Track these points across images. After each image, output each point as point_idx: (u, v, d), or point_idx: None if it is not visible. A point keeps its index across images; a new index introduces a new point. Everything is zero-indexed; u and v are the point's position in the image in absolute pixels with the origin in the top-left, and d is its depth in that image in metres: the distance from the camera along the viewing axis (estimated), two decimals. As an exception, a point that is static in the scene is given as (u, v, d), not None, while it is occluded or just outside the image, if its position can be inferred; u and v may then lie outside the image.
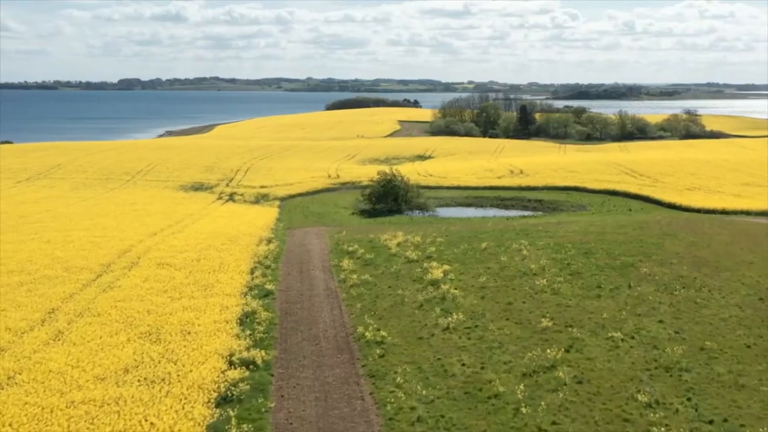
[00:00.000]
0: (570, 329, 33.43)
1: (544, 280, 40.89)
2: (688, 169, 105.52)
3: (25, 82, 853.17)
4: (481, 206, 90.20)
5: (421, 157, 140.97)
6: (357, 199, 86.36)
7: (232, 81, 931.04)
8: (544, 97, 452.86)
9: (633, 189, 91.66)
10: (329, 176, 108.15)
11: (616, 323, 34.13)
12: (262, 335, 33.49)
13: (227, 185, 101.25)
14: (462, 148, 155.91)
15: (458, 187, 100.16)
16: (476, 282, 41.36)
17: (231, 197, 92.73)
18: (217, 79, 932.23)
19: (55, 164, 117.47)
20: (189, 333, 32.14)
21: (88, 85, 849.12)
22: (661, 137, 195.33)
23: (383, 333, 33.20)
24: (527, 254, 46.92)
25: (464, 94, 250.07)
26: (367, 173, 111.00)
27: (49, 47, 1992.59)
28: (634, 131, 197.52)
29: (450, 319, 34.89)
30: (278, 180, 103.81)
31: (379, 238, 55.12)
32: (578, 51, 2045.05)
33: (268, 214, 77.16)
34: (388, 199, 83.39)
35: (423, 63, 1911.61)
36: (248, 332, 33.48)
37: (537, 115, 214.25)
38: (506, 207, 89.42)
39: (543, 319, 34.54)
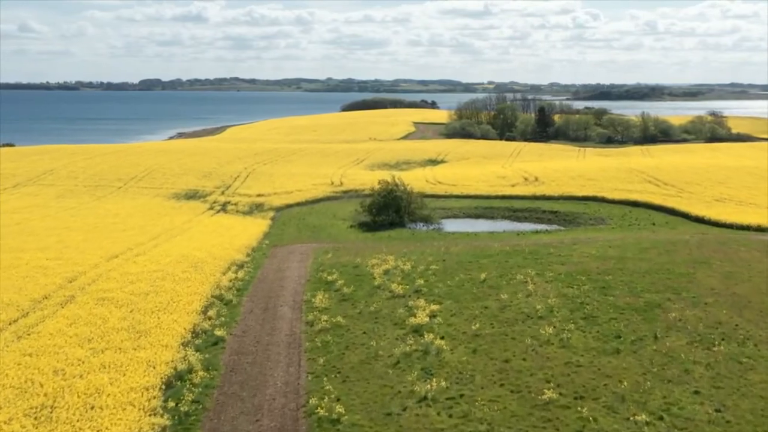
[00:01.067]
0: (580, 404, 25.91)
1: (552, 327, 33.35)
2: (716, 177, 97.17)
3: (47, 82, 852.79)
4: (492, 218, 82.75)
5: (433, 162, 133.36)
6: (356, 210, 79.11)
7: (252, 81, 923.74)
8: (564, 97, 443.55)
9: (657, 200, 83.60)
10: (332, 183, 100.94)
11: (640, 395, 26.55)
12: (189, 407, 26.30)
13: (223, 193, 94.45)
14: (476, 151, 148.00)
15: (468, 196, 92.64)
16: (469, 328, 33.89)
17: (223, 207, 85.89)
18: (237, 79, 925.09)
19: (48, 169, 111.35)
20: (92, 408, 25.01)
21: (109, 86, 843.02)
22: (685, 140, 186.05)
23: (340, 409, 25.80)
24: (533, 289, 39.40)
25: (481, 95, 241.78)
26: (374, 180, 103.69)
27: (72, 48, 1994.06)
28: (657, 134, 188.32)
29: (430, 384, 27.51)
30: (277, 187, 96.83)
31: (366, 263, 47.84)
32: (600, 51, 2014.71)
33: (257, 227, 70.27)
34: (390, 210, 76.02)
35: (443, 63, 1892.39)
36: (172, 404, 26.31)
37: (556, 117, 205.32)
38: (518, 219, 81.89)
39: (546, 388, 27.05)
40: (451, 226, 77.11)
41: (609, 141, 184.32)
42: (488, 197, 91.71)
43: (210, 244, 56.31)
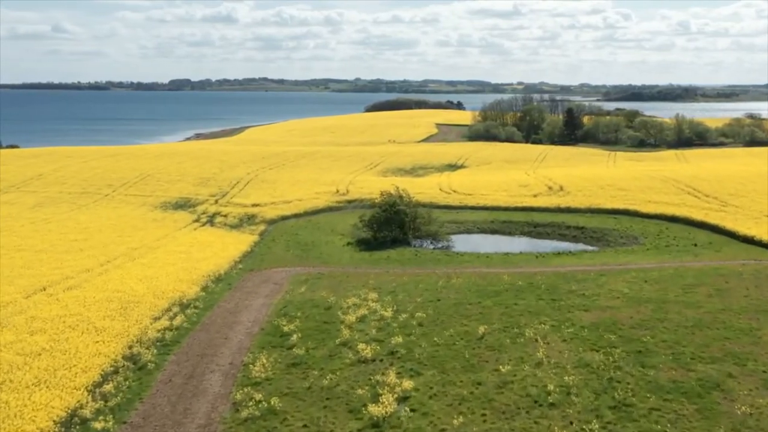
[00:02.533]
0: None
1: (567, 423, 23.21)
2: (763, 188, 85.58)
3: (78, 82, 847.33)
4: (509, 233, 72.73)
5: (452, 167, 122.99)
6: (355, 225, 69.44)
7: (281, 82, 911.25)
8: (595, 98, 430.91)
9: (697, 215, 72.65)
10: (337, 191, 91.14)
11: None
12: None
13: (216, 202, 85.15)
14: (499, 155, 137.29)
15: (485, 208, 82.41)
16: (450, 422, 23.85)
17: (211, 219, 76.61)
18: (265, 79, 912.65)
19: (36, 174, 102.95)
20: None
21: (139, 86, 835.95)
22: (722, 144, 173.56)
23: None
24: (545, 354, 29.23)
25: (506, 96, 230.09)
26: (384, 187, 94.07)
27: (105, 48, 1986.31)
28: (692, 137, 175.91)
29: None
30: (276, 196, 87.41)
31: (341, 304, 38.01)
32: (631, 51, 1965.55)
33: (238, 246, 60.91)
34: (392, 226, 66.26)
35: (472, 64, 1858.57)
36: None
37: (585, 119, 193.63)
38: (539, 235, 71.72)
39: None
40: (461, 244, 67.26)
41: (641, 144, 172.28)
42: (507, 209, 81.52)
43: (165, 272, 46.86)
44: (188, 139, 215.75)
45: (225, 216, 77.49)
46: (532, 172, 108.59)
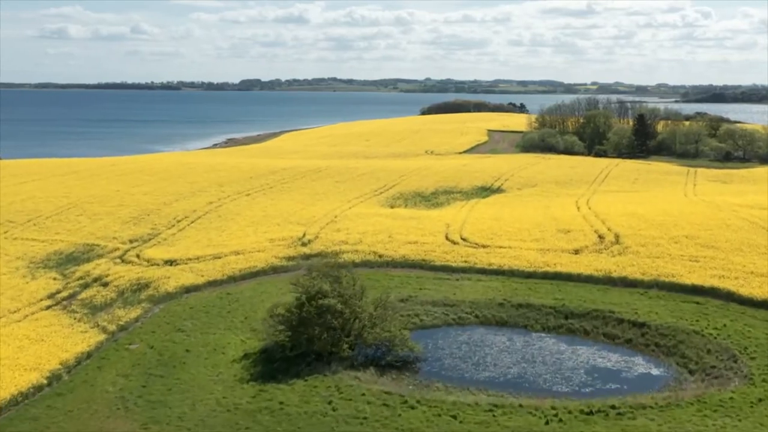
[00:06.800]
0: None
1: None
2: None
3: (152, 82, 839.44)
4: (525, 326, 45.88)
5: (485, 190, 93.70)
6: (266, 321, 41.55)
7: (350, 82, 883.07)
8: (672, 99, 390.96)
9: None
10: (303, 236, 63.26)
11: None
12: None
13: (123, 255, 59.23)
14: (549, 174, 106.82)
15: (499, 271, 53.71)
16: None
17: (78, 292, 51.10)
18: (334, 79, 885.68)
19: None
20: None
21: (210, 86, 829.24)
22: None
23: None
24: None
25: (567, 98, 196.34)
26: (374, 228, 66.11)
27: (182, 49, 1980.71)
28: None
29: None
30: (214, 244, 61.06)
31: None
32: (711, 51, 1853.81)
33: (36, 372, 35.05)
34: (317, 329, 38.22)
35: (545, 63, 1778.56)
36: None
37: (659, 125, 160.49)
38: (571, 333, 44.64)
39: None
40: (435, 356, 40.59)
41: (727, 158, 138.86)
42: (532, 275, 52.71)
43: None
44: (216, 145, 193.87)
45: (105, 285, 51.43)
46: (584, 203, 78.50)
